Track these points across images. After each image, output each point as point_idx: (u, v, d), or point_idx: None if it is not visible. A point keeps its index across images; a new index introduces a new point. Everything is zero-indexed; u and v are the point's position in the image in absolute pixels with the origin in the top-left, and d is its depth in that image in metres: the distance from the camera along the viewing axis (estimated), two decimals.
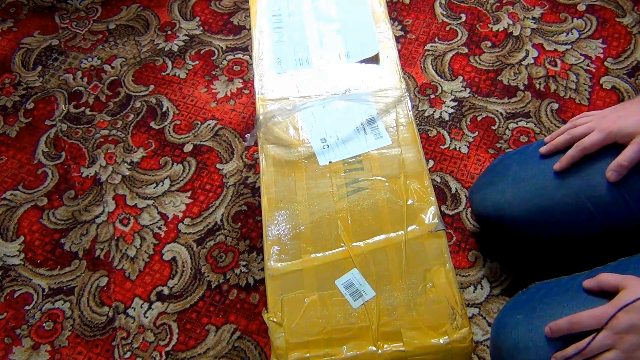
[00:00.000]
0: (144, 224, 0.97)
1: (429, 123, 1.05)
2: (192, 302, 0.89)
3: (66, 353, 0.86)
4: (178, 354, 0.85)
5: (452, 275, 0.55)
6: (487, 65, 1.13)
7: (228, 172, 1.02)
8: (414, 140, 0.63)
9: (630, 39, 1.14)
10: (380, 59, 0.70)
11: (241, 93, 1.12)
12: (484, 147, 1.02)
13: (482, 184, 0.81)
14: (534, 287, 0.69)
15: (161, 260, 0.93)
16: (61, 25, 1.25)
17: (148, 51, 1.20)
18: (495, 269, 0.89)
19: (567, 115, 1.05)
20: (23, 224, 0.98)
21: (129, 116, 1.10)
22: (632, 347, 0.52)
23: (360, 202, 0.59)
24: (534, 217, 0.72)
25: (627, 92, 1.07)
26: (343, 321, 0.53)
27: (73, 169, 1.04)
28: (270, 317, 0.53)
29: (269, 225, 0.58)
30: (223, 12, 1.26)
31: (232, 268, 0.92)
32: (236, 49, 1.19)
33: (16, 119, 1.11)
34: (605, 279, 0.58)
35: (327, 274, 0.55)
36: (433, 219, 0.58)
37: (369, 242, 0.57)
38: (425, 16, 1.22)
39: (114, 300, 0.90)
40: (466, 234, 0.93)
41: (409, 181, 0.60)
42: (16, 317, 0.90)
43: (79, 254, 0.95)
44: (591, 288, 0.60)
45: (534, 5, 1.21)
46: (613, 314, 0.53)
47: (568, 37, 1.16)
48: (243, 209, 0.98)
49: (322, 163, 0.62)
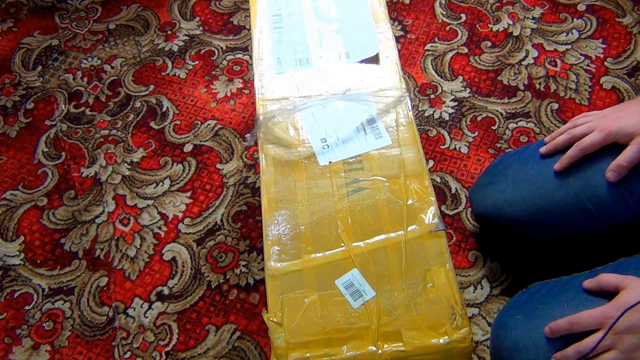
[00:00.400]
0: (144, 224, 0.97)
1: (429, 123, 1.05)
2: (192, 302, 0.89)
3: (66, 353, 0.86)
4: (178, 354, 0.85)
5: (452, 275, 0.55)
6: (487, 65, 1.13)
7: (228, 172, 1.02)
8: (414, 140, 0.63)
9: (630, 39, 1.14)
10: (380, 59, 0.70)
11: (241, 93, 1.12)
12: (484, 147, 1.02)
13: (482, 183, 0.81)
14: (534, 287, 0.69)
15: (161, 260, 0.93)
16: (61, 25, 1.25)
17: (148, 51, 1.20)
18: (495, 269, 0.89)
19: (567, 115, 1.05)
20: (23, 224, 0.98)
21: (129, 116, 1.10)
22: (632, 348, 0.52)
23: (360, 202, 0.59)
24: (534, 217, 0.72)
25: (627, 92, 1.07)
26: (343, 321, 0.52)
27: (73, 169, 1.04)
28: (270, 317, 0.53)
29: (269, 225, 0.58)
30: (223, 12, 1.26)
31: (232, 268, 0.92)
32: (236, 49, 1.19)
33: (16, 119, 1.11)
34: (606, 279, 0.58)
35: (327, 274, 0.55)
36: (433, 219, 0.58)
37: (369, 242, 0.57)
38: (425, 16, 1.22)
39: (114, 300, 0.90)
40: (466, 234, 0.93)
41: (409, 181, 0.60)
42: (16, 317, 0.90)
43: (79, 254, 0.95)
44: (591, 288, 0.60)
45: (534, 5, 1.21)
46: (618, 316, 0.53)
47: (568, 37, 1.16)
48: (243, 209, 0.98)
49: (322, 163, 0.62)
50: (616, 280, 0.57)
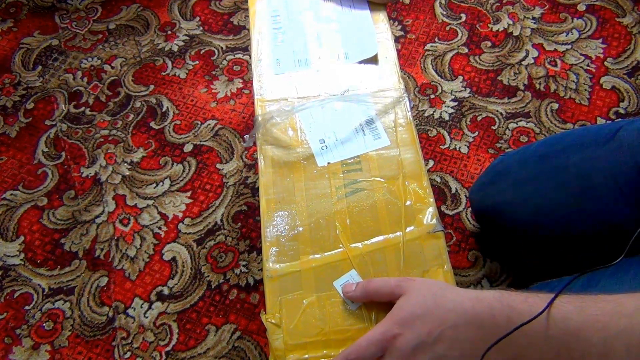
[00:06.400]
0: (144, 224, 0.97)
1: (429, 123, 1.05)
2: (192, 302, 0.89)
3: (66, 353, 0.86)
4: (178, 354, 0.85)
5: (450, 277, 0.55)
6: (487, 65, 1.12)
7: (228, 172, 1.02)
8: (412, 141, 0.63)
9: (630, 39, 1.14)
10: (379, 60, 0.70)
11: (241, 93, 1.12)
12: (484, 147, 1.02)
13: (482, 184, 0.81)
14: (535, 287, 0.68)
15: (161, 260, 0.93)
16: (61, 25, 1.26)
17: (148, 51, 1.20)
18: (495, 269, 0.89)
19: (567, 115, 1.05)
20: (23, 224, 0.99)
21: (129, 116, 1.10)
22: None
23: (358, 203, 0.59)
24: (534, 217, 0.72)
25: (627, 92, 1.07)
26: (341, 322, 0.52)
27: (73, 169, 1.04)
28: (269, 318, 0.53)
29: (267, 227, 0.58)
30: (223, 12, 1.26)
31: (232, 268, 0.92)
32: (236, 49, 1.19)
33: (16, 119, 1.11)
34: (372, 285, 0.52)
35: (326, 275, 0.55)
36: (431, 220, 0.58)
37: (367, 243, 0.57)
38: (425, 16, 1.21)
39: (114, 300, 0.90)
40: (466, 234, 0.93)
41: (408, 182, 0.60)
42: (16, 317, 0.90)
43: (79, 254, 0.95)
44: (357, 298, 0.53)
45: (534, 5, 1.21)
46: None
47: (568, 37, 1.15)
48: (243, 209, 0.98)
49: (320, 164, 0.62)
50: (387, 285, 0.51)
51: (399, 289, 0.50)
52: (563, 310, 0.45)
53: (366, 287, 0.52)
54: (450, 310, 0.47)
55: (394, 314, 0.48)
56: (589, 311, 0.44)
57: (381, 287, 0.51)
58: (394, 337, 0.47)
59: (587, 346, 0.43)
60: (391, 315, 0.49)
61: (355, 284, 0.53)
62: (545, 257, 0.85)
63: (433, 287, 0.49)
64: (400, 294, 0.50)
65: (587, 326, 0.43)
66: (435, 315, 0.47)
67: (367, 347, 0.47)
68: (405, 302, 0.49)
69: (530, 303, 0.46)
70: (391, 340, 0.47)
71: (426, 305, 0.47)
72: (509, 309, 0.46)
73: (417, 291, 0.49)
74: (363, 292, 0.52)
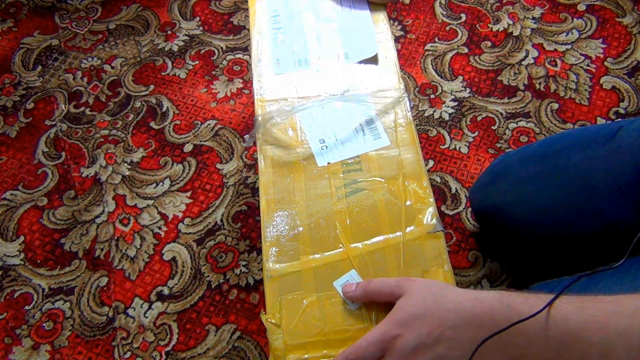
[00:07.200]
0: (144, 224, 0.97)
1: (429, 123, 1.05)
2: (192, 302, 0.89)
3: (66, 353, 0.86)
4: (178, 354, 0.85)
5: (450, 277, 0.55)
6: (487, 65, 1.12)
7: (228, 172, 1.02)
8: (412, 141, 0.63)
9: (630, 39, 1.14)
10: (379, 60, 0.70)
11: (241, 93, 1.12)
12: (484, 147, 1.02)
13: (482, 184, 0.81)
14: (535, 287, 0.68)
15: (161, 260, 0.93)
16: (61, 25, 1.26)
17: (148, 51, 1.20)
18: (495, 269, 0.89)
19: (567, 115, 1.05)
20: (23, 224, 0.99)
21: (129, 116, 1.10)
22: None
23: (358, 203, 0.59)
24: (534, 217, 0.72)
25: (627, 92, 1.07)
26: (341, 322, 0.52)
27: (73, 169, 1.04)
28: (269, 319, 0.53)
29: (267, 227, 0.58)
30: (223, 12, 1.26)
31: (232, 268, 0.92)
32: (236, 49, 1.19)
33: (16, 119, 1.11)
34: (373, 286, 0.52)
35: (326, 275, 0.55)
36: (431, 220, 0.57)
37: (367, 243, 0.57)
38: (425, 16, 1.21)
39: (114, 300, 0.90)
40: (466, 234, 0.93)
41: (408, 182, 0.60)
42: (16, 317, 0.90)
43: (79, 254, 0.95)
44: (358, 298, 0.53)
45: (534, 5, 1.21)
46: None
47: (568, 37, 1.15)
48: (243, 209, 0.98)
49: (320, 164, 0.62)
50: (387, 285, 0.51)
51: (399, 290, 0.50)
52: (563, 310, 0.45)
53: (366, 287, 0.52)
54: (450, 311, 0.47)
55: (394, 314, 0.49)
56: (589, 312, 0.44)
57: (381, 288, 0.51)
58: (394, 338, 0.47)
59: (587, 347, 0.43)
60: (391, 316, 0.49)
61: (355, 284, 0.53)
62: (546, 257, 0.85)
63: (433, 288, 0.49)
64: (400, 295, 0.50)
65: (587, 327, 0.43)
66: (435, 316, 0.47)
67: (367, 347, 0.47)
68: (405, 303, 0.49)
69: (530, 304, 0.45)
70: (391, 341, 0.47)
71: (426, 305, 0.48)
72: (509, 309, 0.46)
73: (417, 291, 0.49)
74: (363, 292, 0.52)
